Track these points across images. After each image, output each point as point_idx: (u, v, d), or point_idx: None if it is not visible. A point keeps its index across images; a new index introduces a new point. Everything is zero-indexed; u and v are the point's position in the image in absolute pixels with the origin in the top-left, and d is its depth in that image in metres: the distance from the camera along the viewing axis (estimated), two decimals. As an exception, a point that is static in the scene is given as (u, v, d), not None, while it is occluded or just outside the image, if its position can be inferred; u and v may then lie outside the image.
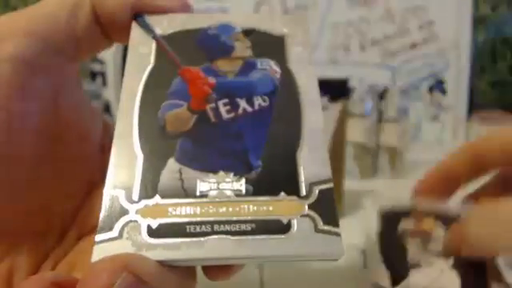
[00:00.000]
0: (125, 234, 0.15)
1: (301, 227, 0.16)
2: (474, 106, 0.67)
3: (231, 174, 0.17)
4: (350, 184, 0.50)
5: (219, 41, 0.21)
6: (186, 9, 0.21)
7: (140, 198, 0.16)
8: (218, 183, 0.17)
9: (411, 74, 0.67)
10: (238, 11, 0.68)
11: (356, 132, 0.55)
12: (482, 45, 0.69)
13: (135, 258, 0.14)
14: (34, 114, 0.18)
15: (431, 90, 0.67)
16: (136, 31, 0.21)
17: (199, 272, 0.17)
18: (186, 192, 0.16)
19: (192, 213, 0.16)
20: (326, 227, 0.16)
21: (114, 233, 0.15)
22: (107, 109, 0.66)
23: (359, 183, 0.54)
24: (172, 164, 0.17)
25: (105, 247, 0.15)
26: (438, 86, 0.67)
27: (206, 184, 0.17)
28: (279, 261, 0.16)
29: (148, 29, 0.21)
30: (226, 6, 0.69)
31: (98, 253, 0.15)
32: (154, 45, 0.20)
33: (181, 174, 0.17)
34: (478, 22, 0.67)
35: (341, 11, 0.68)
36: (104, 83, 0.66)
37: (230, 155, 0.18)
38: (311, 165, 0.17)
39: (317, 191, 0.17)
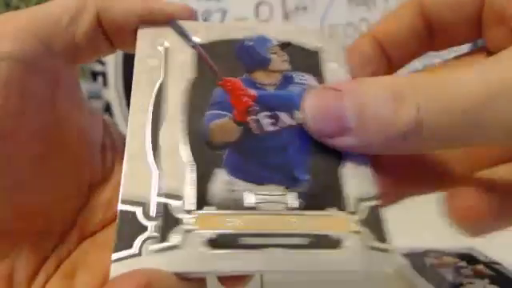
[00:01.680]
0: (144, 251, 0.15)
1: (350, 243, 0.16)
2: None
3: (281, 188, 0.17)
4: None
5: (256, 52, 0.21)
6: (192, 16, 0.21)
7: (158, 215, 0.16)
8: (265, 195, 0.17)
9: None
10: (273, 23, 0.69)
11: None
12: (481, 45, 0.69)
13: (156, 274, 0.14)
14: (32, 114, 0.18)
15: (430, 90, 0.67)
16: (142, 42, 0.20)
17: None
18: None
19: (225, 226, 0.16)
20: (377, 244, 0.16)
21: (134, 250, 0.15)
22: (108, 109, 0.66)
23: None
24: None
25: (124, 264, 0.15)
26: (438, 86, 0.67)
27: (251, 196, 0.17)
28: (328, 275, 0.16)
29: (186, 36, 0.21)
30: (225, 7, 0.69)
31: (117, 270, 0.15)
32: (163, 57, 0.20)
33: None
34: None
35: (340, 12, 0.68)
36: (105, 83, 0.66)
37: (275, 168, 0.18)
38: (356, 180, 0.17)
39: (365, 207, 0.17)
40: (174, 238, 0.15)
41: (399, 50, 0.23)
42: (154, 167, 0.17)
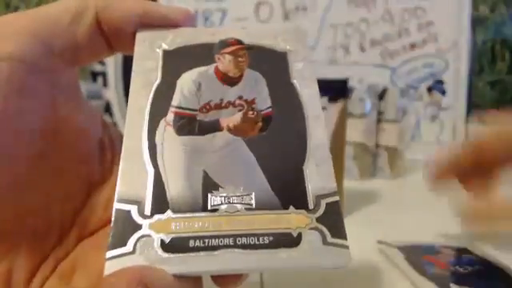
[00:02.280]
0: (138, 249, 0.15)
1: (310, 240, 0.16)
2: (473, 105, 0.67)
3: (241, 188, 0.17)
4: (350, 184, 0.50)
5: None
6: (190, 20, 0.21)
7: (152, 213, 0.16)
8: (229, 197, 0.17)
9: (410, 74, 0.67)
10: (235, 26, 0.68)
11: (355, 132, 0.55)
12: (480, 45, 0.69)
13: (149, 271, 0.15)
14: (32, 114, 0.18)
15: (430, 90, 0.67)
16: (140, 45, 0.20)
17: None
18: (198, 206, 0.17)
19: (204, 227, 0.16)
20: (334, 240, 0.16)
21: (128, 248, 0.15)
22: (108, 109, 0.66)
23: (359, 183, 0.54)
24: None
25: (118, 262, 0.15)
26: (437, 86, 0.67)
27: (217, 198, 0.17)
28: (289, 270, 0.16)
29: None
30: (225, 7, 0.69)
31: (111, 268, 0.15)
32: (160, 59, 0.20)
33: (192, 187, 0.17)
34: (477, 22, 0.68)
35: (340, 12, 0.68)
36: (105, 83, 0.66)
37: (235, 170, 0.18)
38: (317, 178, 0.18)
39: (324, 204, 0.17)
40: (131, 242, 0.15)
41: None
42: (150, 166, 0.17)
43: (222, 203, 0.17)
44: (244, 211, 0.16)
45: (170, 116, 0.19)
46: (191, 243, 0.15)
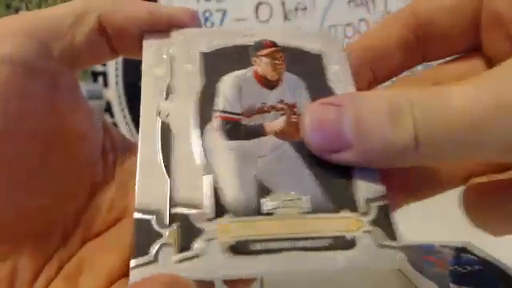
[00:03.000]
0: (160, 258, 0.16)
1: (364, 243, 0.16)
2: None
3: (292, 192, 0.17)
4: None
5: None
6: (196, 20, 0.21)
7: (171, 222, 0.16)
8: (282, 201, 0.17)
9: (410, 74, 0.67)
10: (273, 27, 0.68)
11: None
12: (480, 45, 0.69)
13: (173, 278, 0.15)
14: (32, 117, 0.18)
15: (430, 90, 0.67)
16: (149, 51, 0.20)
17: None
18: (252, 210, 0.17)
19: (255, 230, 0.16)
20: (388, 242, 0.17)
21: (150, 257, 0.15)
22: (108, 109, 0.66)
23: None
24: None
25: (142, 271, 0.15)
26: (437, 86, 0.67)
27: (270, 203, 0.17)
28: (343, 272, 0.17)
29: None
30: (225, 7, 0.69)
31: (136, 277, 0.15)
32: (169, 65, 0.20)
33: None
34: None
35: (340, 12, 0.68)
36: (105, 84, 0.66)
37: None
38: (366, 181, 0.18)
39: (374, 207, 0.17)
40: (196, 247, 0.16)
41: (385, 64, 0.23)
42: (166, 175, 0.17)
43: (276, 207, 0.17)
44: (296, 215, 0.17)
45: (216, 121, 0.19)
46: (225, 251, 0.16)
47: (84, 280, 0.19)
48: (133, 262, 0.15)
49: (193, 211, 0.16)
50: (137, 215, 0.16)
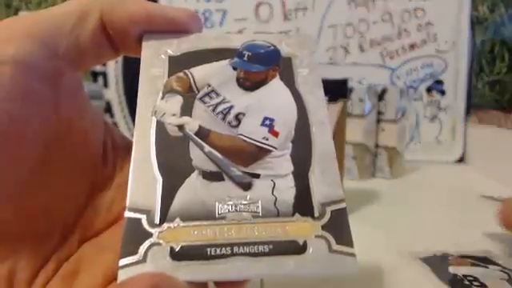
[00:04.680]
0: (149, 258, 0.15)
1: (316, 248, 0.16)
2: (473, 106, 0.68)
3: (247, 196, 0.17)
4: (350, 184, 0.50)
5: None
6: (196, 21, 0.21)
7: (162, 221, 0.16)
8: (235, 205, 0.17)
9: (410, 74, 0.67)
10: (240, 33, 0.68)
11: (355, 132, 0.55)
12: (480, 45, 0.69)
13: (161, 277, 0.15)
14: (35, 117, 0.18)
15: (430, 90, 0.67)
16: (147, 51, 0.21)
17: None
18: (206, 214, 0.17)
19: (212, 235, 0.16)
20: (340, 247, 0.16)
21: (139, 256, 0.15)
22: (108, 109, 0.66)
23: (358, 183, 0.55)
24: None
25: (130, 271, 0.15)
26: (437, 86, 0.67)
27: (224, 206, 0.17)
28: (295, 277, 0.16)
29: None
30: (225, 7, 0.69)
31: (124, 276, 0.15)
32: (166, 66, 0.20)
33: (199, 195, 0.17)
34: (476, 23, 0.68)
35: (340, 12, 0.68)
36: (105, 84, 0.67)
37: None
38: (323, 186, 0.18)
39: (329, 212, 0.17)
40: (141, 252, 0.15)
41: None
42: (159, 175, 0.17)
43: (229, 211, 0.17)
44: (250, 219, 0.17)
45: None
46: (200, 252, 0.16)
47: (81, 280, 0.19)
48: (121, 262, 0.15)
49: (143, 215, 0.16)
50: (128, 214, 0.16)
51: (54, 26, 0.19)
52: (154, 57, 0.20)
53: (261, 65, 0.20)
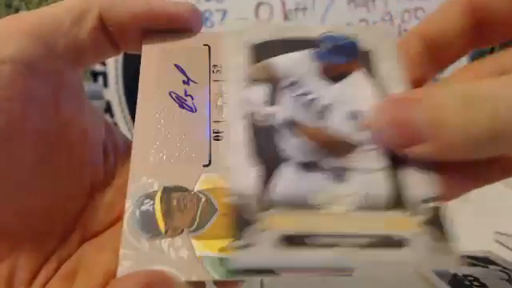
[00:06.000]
0: (252, 243, 0.16)
1: (417, 243, 0.16)
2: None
3: (342, 188, 0.17)
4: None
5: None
6: (197, 16, 0.21)
7: (262, 209, 0.16)
8: (331, 197, 0.17)
9: (410, 74, 0.67)
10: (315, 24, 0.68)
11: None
12: (480, 46, 0.69)
13: (156, 275, 0.15)
14: (34, 116, 0.18)
15: (430, 90, 0.67)
16: (148, 52, 0.20)
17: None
18: (304, 204, 0.17)
19: (311, 225, 0.16)
20: (441, 243, 0.16)
21: (244, 242, 0.16)
22: (108, 109, 0.66)
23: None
24: None
25: (238, 255, 0.15)
26: (437, 86, 0.67)
27: (320, 197, 0.17)
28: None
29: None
30: (226, 7, 0.69)
31: (123, 272, 0.15)
32: (246, 54, 0.20)
33: None
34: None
35: (340, 12, 0.68)
36: (105, 84, 0.67)
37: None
38: (419, 181, 0.18)
39: (428, 208, 0.17)
40: (247, 237, 0.16)
41: (446, 50, 0.22)
42: (255, 163, 0.17)
43: (325, 203, 0.17)
44: (347, 211, 0.17)
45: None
46: (302, 240, 0.16)
47: (81, 279, 0.19)
48: (230, 245, 0.16)
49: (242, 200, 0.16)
50: (229, 200, 0.16)
51: (53, 24, 0.19)
52: (155, 58, 0.20)
53: (342, 57, 0.20)
